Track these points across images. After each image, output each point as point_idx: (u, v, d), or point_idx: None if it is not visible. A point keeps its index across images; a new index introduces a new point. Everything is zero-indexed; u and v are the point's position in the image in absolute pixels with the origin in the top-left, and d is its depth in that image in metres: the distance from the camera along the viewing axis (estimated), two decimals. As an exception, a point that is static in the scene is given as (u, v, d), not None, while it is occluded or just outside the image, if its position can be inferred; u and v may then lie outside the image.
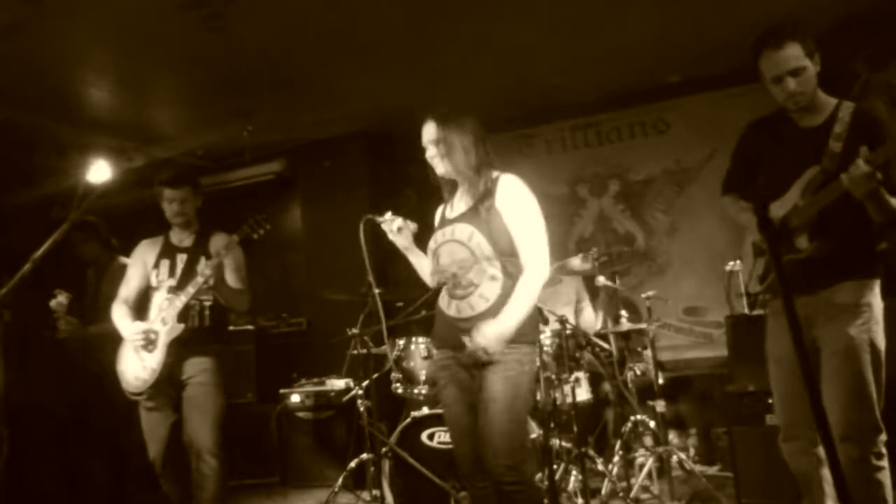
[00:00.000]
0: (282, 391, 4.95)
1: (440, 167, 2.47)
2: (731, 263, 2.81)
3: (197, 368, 3.25)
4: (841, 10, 4.28)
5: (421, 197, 5.51)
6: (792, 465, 2.51)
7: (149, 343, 3.20)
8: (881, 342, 2.31)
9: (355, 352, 4.18)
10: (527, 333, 2.37)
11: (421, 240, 2.65)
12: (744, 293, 2.64)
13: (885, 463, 2.28)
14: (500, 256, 2.38)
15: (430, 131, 2.46)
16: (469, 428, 2.39)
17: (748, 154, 2.60)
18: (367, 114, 5.35)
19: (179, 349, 3.20)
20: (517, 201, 2.40)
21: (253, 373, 5.36)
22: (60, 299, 3.85)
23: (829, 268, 2.31)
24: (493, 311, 2.34)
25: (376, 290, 4.11)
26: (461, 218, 2.46)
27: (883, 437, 2.29)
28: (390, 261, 2.58)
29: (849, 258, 2.32)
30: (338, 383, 4.75)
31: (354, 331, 4.09)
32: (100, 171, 3.55)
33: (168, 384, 3.22)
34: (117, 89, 4.47)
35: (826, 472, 2.38)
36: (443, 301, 2.48)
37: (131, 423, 4.10)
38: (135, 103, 4.73)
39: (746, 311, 2.66)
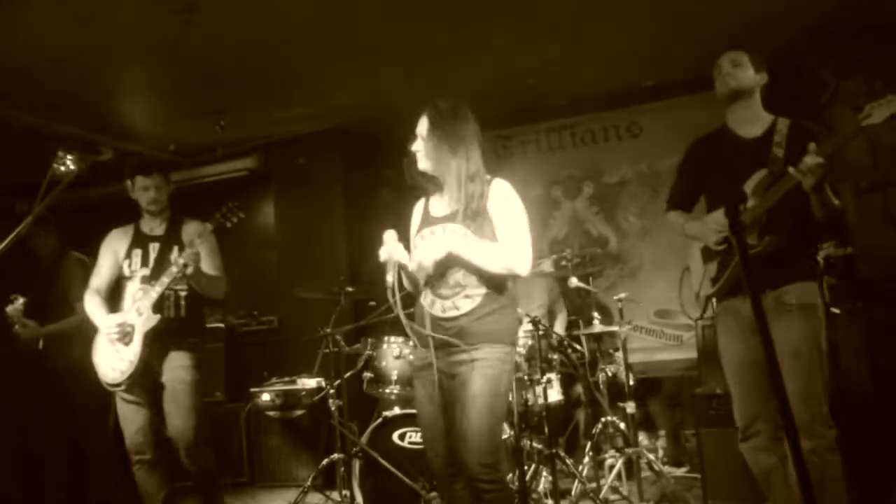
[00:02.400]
0: (252, 390, 4.90)
1: (422, 163, 2.45)
2: (685, 269, 2.94)
3: (176, 363, 3.23)
4: (810, 19, 4.35)
5: (396, 196, 5.50)
6: (752, 463, 2.61)
7: (124, 335, 3.15)
8: (824, 342, 2.48)
9: (327, 351, 4.16)
10: (508, 333, 2.39)
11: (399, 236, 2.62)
12: (697, 296, 2.78)
13: (836, 457, 2.41)
14: None
15: (421, 126, 2.44)
16: (444, 429, 2.38)
17: (693, 170, 2.81)
18: (343, 111, 5.32)
19: (156, 340, 3.17)
20: (508, 206, 2.42)
21: (223, 371, 5.30)
22: (17, 305, 3.80)
23: (777, 269, 2.45)
24: (478, 311, 2.35)
25: (349, 289, 4.12)
26: (452, 218, 2.42)
27: (833, 432, 2.42)
28: (363, 259, 2.55)
29: (794, 258, 2.50)
30: (309, 382, 4.71)
31: (326, 330, 4.07)
32: (66, 164, 3.46)
33: (146, 376, 3.18)
34: (85, 80, 4.37)
35: (783, 466, 2.51)
36: (425, 300, 2.44)
37: (92, 422, 4.05)
38: (104, 95, 4.64)
39: (698, 313, 2.81)
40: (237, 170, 5.85)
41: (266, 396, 4.82)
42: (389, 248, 2.37)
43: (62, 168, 2.82)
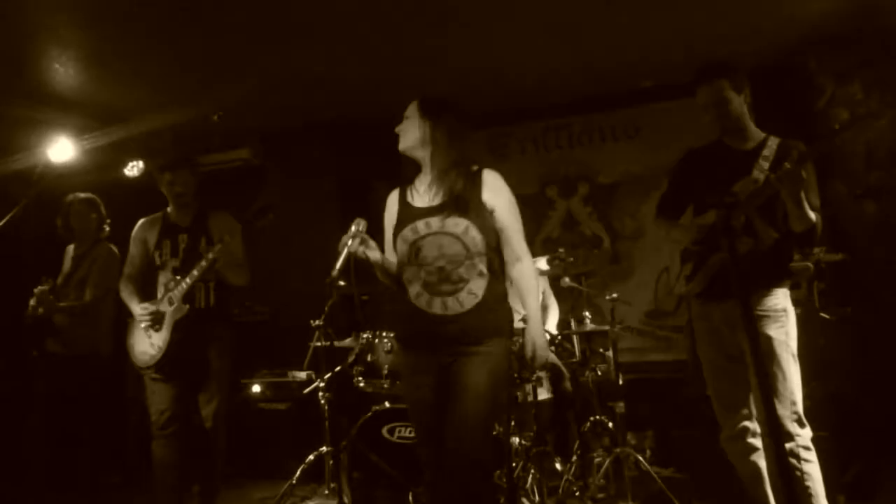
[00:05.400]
0: (242, 381, 4.90)
1: (403, 143, 2.48)
2: (664, 269, 3.02)
3: (206, 349, 3.43)
4: (809, 26, 4.37)
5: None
6: (734, 460, 2.70)
7: (155, 323, 3.33)
8: (795, 345, 2.57)
9: (318, 344, 4.15)
10: (509, 326, 2.40)
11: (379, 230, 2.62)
12: (670, 293, 2.85)
13: (811, 456, 2.47)
14: (488, 251, 2.36)
15: (409, 109, 2.49)
16: (439, 428, 2.33)
17: (684, 179, 2.87)
18: (339, 103, 5.31)
19: (186, 329, 3.34)
20: (505, 197, 2.42)
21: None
22: (45, 287, 3.86)
23: (749, 275, 2.44)
24: (482, 307, 2.32)
25: (341, 283, 4.11)
26: (445, 209, 2.36)
27: (807, 431, 2.49)
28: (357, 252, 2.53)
29: (767, 266, 2.58)
30: (299, 375, 4.71)
31: (318, 322, 4.06)
32: (61, 150, 3.46)
33: (175, 360, 3.35)
34: (81, 65, 4.35)
35: (764, 464, 2.59)
36: (419, 299, 2.36)
37: (90, 409, 4.06)
38: (100, 81, 4.61)
39: (671, 308, 2.86)
40: (232, 160, 5.83)
41: (257, 388, 4.82)
42: (350, 237, 2.36)
43: (56, 154, 2.82)
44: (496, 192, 2.42)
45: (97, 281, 4.03)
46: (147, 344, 3.37)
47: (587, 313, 4.12)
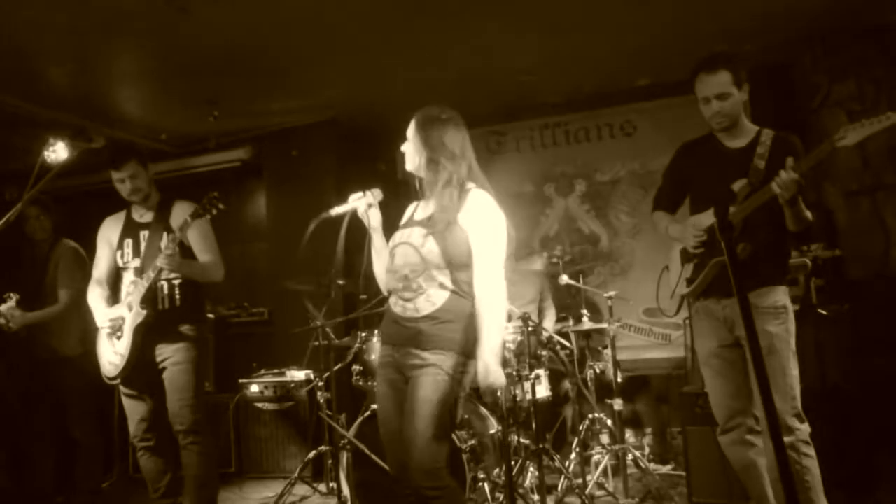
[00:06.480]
0: (241, 381, 4.90)
1: (407, 164, 2.52)
2: (664, 268, 3.01)
3: (170, 351, 3.22)
4: (804, 23, 4.37)
5: (389, 190, 5.48)
6: (730, 456, 2.70)
7: (117, 329, 3.17)
8: (794, 342, 2.59)
9: (317, 343, 4.16)
10: (466, 343, 2.32)
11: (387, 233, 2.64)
12: (673, 295, 2.90)
13: (810, 451, 2.50)
14: (450, 267, 2.34)
15: (409, 129, 2.48)
16: (398, 429, 2.36)
17: (679, 174, 2.88)
18: (337, 104, 5.30)
19: (148, 334, 3.16)
20: (480, 222, 2.36)
21: (212, 362, 5.28)
22: (10, 303, 3.81)
23: (750, 273, 2.50)
24: (439, 315, 2.33)
25: (340, 282, 4.12)
26: (421, 223, 2.44)
27: (806, 426, 2.52)
28: (354, 252, 2.55)
29: (767, 264, 2.58)
30: (298, 374, 4.71)
31: (317, 322, 4.07)
32: (57, 151, 3.46)
33: (141, 369, 3.19)
34: (78, 67, 4.34)
35: (762, 460, 2.60)
36: (391, 299, 2.49)
37: (81, 412, 4.05)
38: (96, 82, 4.61)
39: (674, 312, 2.92)
40: (229, 160, 5.83)
41: (255, 388, 4.82)
42: (363, 196, 2.55)
43: (52, 155, 2.82)
44: (475, 214, 2.37)
45: (66, 283, 3.95)
46: (111, 353, 3.20)
47: (585, 311, 4.14)
